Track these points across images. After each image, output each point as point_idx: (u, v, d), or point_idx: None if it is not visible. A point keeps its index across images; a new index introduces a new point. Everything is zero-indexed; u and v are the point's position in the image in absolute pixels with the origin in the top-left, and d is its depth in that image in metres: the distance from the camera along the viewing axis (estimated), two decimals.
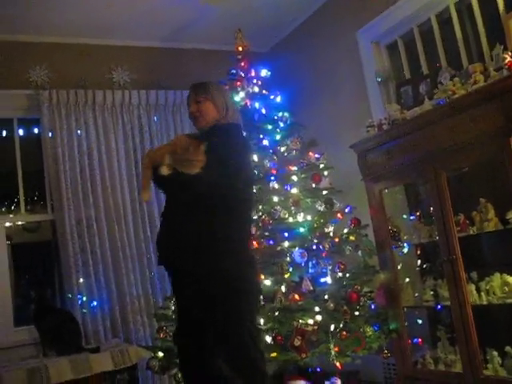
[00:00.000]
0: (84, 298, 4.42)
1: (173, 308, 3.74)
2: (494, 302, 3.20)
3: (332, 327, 3.47)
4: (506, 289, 3.16)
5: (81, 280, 4.44)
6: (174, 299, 2.75)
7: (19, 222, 4.86)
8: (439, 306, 3.57)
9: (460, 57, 3.86)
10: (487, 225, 3.24)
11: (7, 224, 4.60)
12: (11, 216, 4.76)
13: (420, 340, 3.74)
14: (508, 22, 3.38)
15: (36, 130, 4.86)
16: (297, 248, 3.59)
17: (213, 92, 2.70)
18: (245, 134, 2.88)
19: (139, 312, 4.58)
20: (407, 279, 3.85)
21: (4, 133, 4.82)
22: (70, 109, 4.70)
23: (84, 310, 4.40)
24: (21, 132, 4.78)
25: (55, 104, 4.63)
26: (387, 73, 4.43)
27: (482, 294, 3.27)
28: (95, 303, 4.46)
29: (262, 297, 3.35)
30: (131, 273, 4.62)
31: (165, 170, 2.44)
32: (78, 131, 4.71)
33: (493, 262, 3.47)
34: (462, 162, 3.27)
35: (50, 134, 4.60)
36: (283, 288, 3.53)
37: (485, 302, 3.24)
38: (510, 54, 3.00)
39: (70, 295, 4.41)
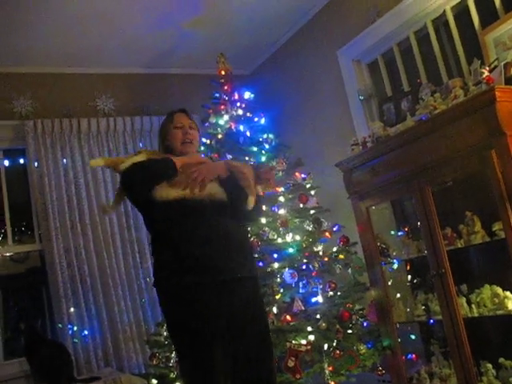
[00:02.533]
0: (75, 328, 4.38)
1: (165, 334, 3.72)
2: (485, 314, 3.20)
3: (325, 346, 3.46)
4: (496, 300, 3.17)
5: (71, 309, 4.40)
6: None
7: (7, 253, 4.82)
8: (431, 321, 3.57)
9: (440, 72, 3.92)
10: (474, 237, 3.25)
11: None
12: None
13: (414, 355, 3.73)
14: (484, 38, 3.45)
15: (22, 160, 4.85)
16: (287, 269, 3.59)
17: (198, 126, 2.79)
18: (230, 157, 2.90)
19: (131, 339, 4.55)
20: (398, 295, 3.85)
21: None
22: (55, 138, 4.70)
23: (75, 340, 4.36)
24: (6, 163, 4.78)
25: (40, 133, 4.64)
26: (369, 90, 4.48)
27: (473, 306, 3.27)
28: (86, 332, 4.43)
29: None
30: (122, 300, 4.59)
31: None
32: (64, 160, 4.72)
33: (482, 274, 3.48)
34: (446, 176, 3.30)
35: (36, 164, 4.61)
36: (275, 309, 3.52)
37: (476, 315, 3.24)
38: (487, 68, 3.05)
39: (60, 325, 4.37)
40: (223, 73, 4.24)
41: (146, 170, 2.45)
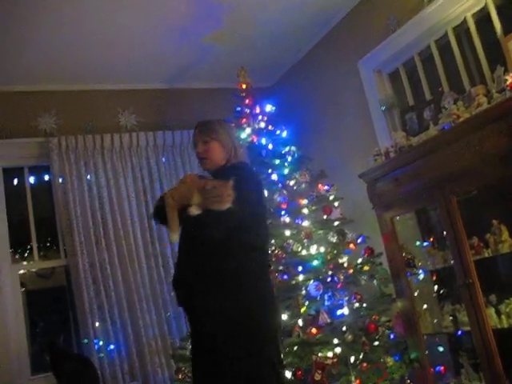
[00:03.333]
0: (100, 342, 4.39)
1: (190, 348, 3.71)
2: None
3: (352, 359, 3.43)
4: None
5: (97, 324, 4.42)
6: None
7: (33, 269, 4.87)
8: (459, 332, 3.52)
9: (462, 80, 3.89)
10: (502, 246, 3.21)
11: (21, 271, 4.61)
12: (25, 263, 4.77)
13: (442, 368, 3.67)
14: (507, 44, 3.41)
15: (46, 177, 4.92)
16: (311, 281, 3.57)
17: (219, 131, 2.67)
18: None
19: (156, 353, 4.55)
20: (425, 306, 3.80)
21: (15, 181, 4.87)
22: (79, 154, 4.76)
23: (101, 355, 4.37)
24: (31, 180, 4.85)
25: (64, 150, 4.69)
26: (391, 100, 4.46)
27: (503, 317, 3.22)
28: (112, 347, 4.43)
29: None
30: (147, 314, 4.60)
31: (194, 210, 2.37)
32: (88, 176, 4.76)
33: (510, 283, 3.42)
34: (470, 185, 3.26)
35: (61, 180, 4.66)
36: (300, 322, 3.50)
37: (506, 326, 3.18)
38: (511, 75, 3.02)
39: (86, 340, 4.38)
40: (244, 86, 4.25)
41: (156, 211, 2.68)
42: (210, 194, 2.30)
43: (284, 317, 3.48)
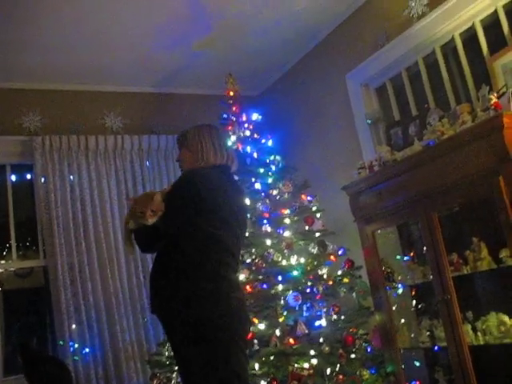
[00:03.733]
0: (76, 345, 4.35)
1: (166, 354, 3.69)
2: (491, 342, 3.17)
3: (328, 371, 3.43)
4: (503, 328, 3.13)
5: (73, 326, 4.37)
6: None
7: (11, 268, 4.81)
8: (436, 347, 3.53)
9: (447, 98, 3.93)
10: (480, 264, 3.23)
11: None
12: (3, 262, 4.71)
13: (418, 382, 3.68)
14: (492, 64, 3.46)
15: (29, 176, 4.87)
16: (291, 291, 3.57)
17: (189, 138, 2.72)
18: (230, 176, 2.82)
19: (132, 358, 4.51)
20: (403, 320, 3.81)
21: None
22: (62, 154, 4.72)
23: (76, 358, 4.32)
24: (13, 178, 4.79)
25: (48, 150, 4.65)
26: (377, 115, 4.49)
27: (479, 333, 3.24)
28: (87, 350, 4.38)
29: (255, 341, 3.34)
30: (124, 319, 4.56)
31: (130, 225, 2.54)
32: (71, 176, 4.72)
33: (488, 301, 3.45)
34: (452, 201, 3.29)
35: (43, 180, 4.61)
36: (278, 332, 3.49)
37: (482, 343, 3.21)
38: (495, 95, 3.06)
39: (61, 342, 4.33)
40: (232, 93, 4.26)
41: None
42: (136, 210, 2.42)
43: (262, 326, 3.48)
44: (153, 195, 2.43)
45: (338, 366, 3.47)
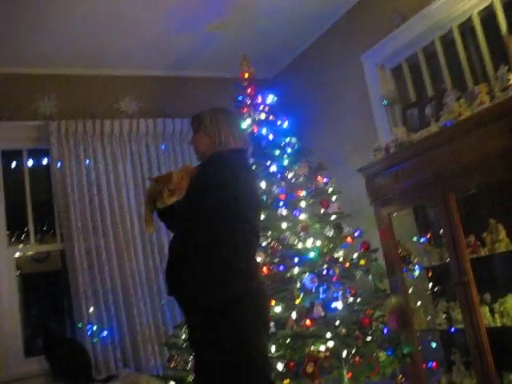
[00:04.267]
0: (94, 328, 4.40)
1: (183, 337, 3.72)
2: (509, 324, 3.16)
3: (344, 353, 3.43)
4: None
5: (91, 309, 4.42)
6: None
7: (29, 253, 4.87)
8: (453, 329, 3.52)
9: (465, 78, 3.87)
10: (498, 245, 3.21)
11: (17, 254, 4.60)
12: (21, 246, 4.76)
13: (435, 364, 3.68)
14: (511, 43, 3.39)
15: (45, 161, 4.90)
16: (307, 274, 3.57)
17: (206, 122, 2.68)
18: (248, 159, 2.83)
19: (150, 341, 4.55)
20: (419, 302, 3.81)
21: (13, 164, 4.85)
22: (78, 139, 4.74)
23: (94, 340, 4.37)
24: (30, 163, 4.83)
25: (64, 134, 4.67)
26: (393, 96, 4.44)
27: (496, 316, 3.22)
28: (105, 333, 4.43)
29: (272, 323, 3.35)
30: (141, 301, 4.60)
31: (159, 204, 2.49)
32: (87, 161, 4.74)
33: (506, 283, 3.43)
34: (470, 183, 3.25)
35: (59, 165, 4.64)
36: (294, 314, 3.50)
37: (499, 325, 3.19)
38: None
39: (79, 325, 4.39)
40: (246, 76, 4.23)
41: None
42: (154, 190, 2.44)
43: (278, 309, 3.48)
44: (171, 174, 2.41)
45: (355, 348, 3.47)
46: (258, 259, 3.53)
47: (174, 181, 2.38)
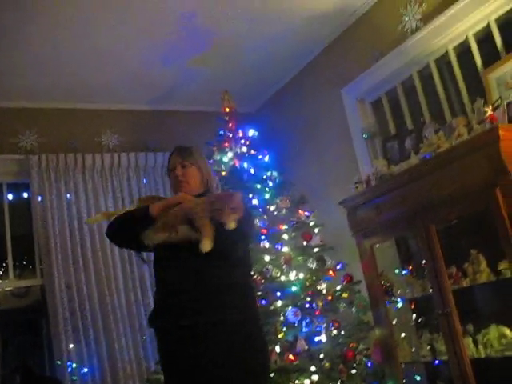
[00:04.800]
0: (74, 365, 4.31)
1: None
2: (493, 354, 3.15)
3: None
4: (504, 341, 3.12)
5: (71, 346, 4.33)
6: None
7: (7, 288, 4.78)
8: (437, 361, 3.51)
9: (443, 111, 3.94)
10: (480, 276, 3.22)
11: None
12: None
13: None
14: (486, 77, 3.48)
15: (25, 195, 4.86)
16: (290, 307, 3.55)
17: (198, 158, 2.67)
18: None
19: (131, 377, 4.46)
20: (403, 334, 3.79)
21: None
22: (59, 173, 4.71)
23: (74, 378, 4.27)
24: (10, 196, 4.78)
25: (44, 168, 4.65)
26: (373, 129, 4.50)
27: (480, 346, 3.22)
28: (86, 370, 4.34)
29: None
30: (122, 337, 4.52)
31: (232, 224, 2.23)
32: (68, 195, 4.71)
33: (488, 313, 3.44)
34: (450, 214, 3.28)
35: (40, 198, 4.60)
36: (278, 348, 3.47)
37: (483, 356, 3.19)
38: (490, 107, 3.07)
39: (59, 362, 4.29)
40: (227, 110, 4.28)
41: (122, 223, 2.49)
42: (214, 209, 2.21)
43: None
44: (230, 195, 2.23)
45: (339, 381, 3.44)
46: None
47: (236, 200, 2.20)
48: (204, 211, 2.26)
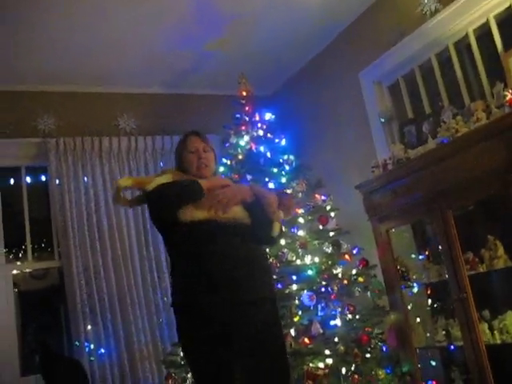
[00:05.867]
0: (92, 346, 4.37)
1: (181, 354, 3.70)
2: (509, 341, 3.14)
3: (343, 371, 3.41)
4: None
5: (88, 327, 4.39)
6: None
7: (26, 270, 4.85)
8: (452, 347, 3.50)
9: (461, 95, 3.89)
10: (497, 262, 3.21)
11: (14, 271, 4.59)
12: (18, 263, 4.75)
13: (434, 382, 3.65)
14: (507, 60, 3.42)
15: (43, 178, 4.91)
16: (305, 291, 3.56)
17: (212, 146, 2.78)
18: (250, 177, 2.93)
19: (148, 359, 4.52)
20: (418, 319, 3.79)
21: (12, 181, 4.86)
22: (76, 156, 4.75)
23: (92, 358, 4.34)
24: (28, 180, 4.83)
25: (62, 151, 4.69)
26: (390, 113, 4.47)
27: (496, 332, 3.21)
28: (103, 351, 4.40)
29: None
30: (139, 319, 4.57)
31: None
32: (85, 178, 4.75)
33: (504, 299, 3.42)
34: (467, 199, 3.26)
35: (57, 182, 4.64)
36: (293, 332, 3.49)
37: (499, 342, 3.18)
38: (510, 91, 3.03)
39: (77, 343, 4.36)
40: (244, 93, 4.26)
41: (174, 192, 2.47)
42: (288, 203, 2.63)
43: None
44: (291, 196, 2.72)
45: (354, 365, 3.45)
46: None
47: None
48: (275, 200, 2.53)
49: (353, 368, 3.44)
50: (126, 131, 5.11)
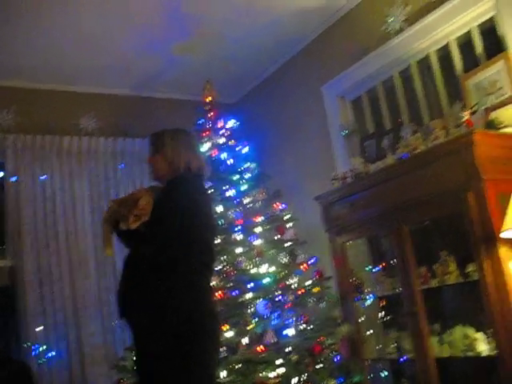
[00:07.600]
0: (41, 348, 4.27)
1: (133, 359, 3.65)
2: (457, 354, 3.21)
3: (295, 380, 3.42)
4: (467, 341, 3.18)
5: (38, 329, 4.30)
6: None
7: None
8: (402, 359, 3.56)
9: (421, 113, 3.99)
10: (448, 277, 3.27)
11: None
12: None
13: None
14: (465, 82, 3.52)
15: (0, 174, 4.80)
16: (260, 299, 3.57)
17: (165, 144, 2.66)
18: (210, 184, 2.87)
19: (98, 363, 4.45)
20: (370, 331, 3.84)
21: None
22: (35, 154, 4.66)
23: (41, 361, 4.25)
24: None
25: (20, 149, 4.59)
26: (352, 127, 4.53)
27: (445, 346, 3.27)
28: (53, 353, 4.31)
29: (224, 348, 3.32)
30: (91, 322, 4.50)
31: (123, 225, 2.43)
32: (43, 177, 4.66)
33: (455, 314, 3.49)
34: (423, 215, 3.33)
35: (14, 179, 4.54)
36: (246, 340, 3.48)
37: (447, 355, 3.24)
38: (467, 112, 3.11)
39: (26, 345, 4.26)
40: (209, 100, 4.26)
41: None
42: (118, 212, 2.41)
43: (230, 334, 3.46)
44: (137, 199, 2.40)
45: (305, 375, 3.47)
46: (212, 283, 3.51)
47: (141, 206, 2.37)
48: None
49: (304, 377, 3.46)
50: (87, 131, 5.04)
